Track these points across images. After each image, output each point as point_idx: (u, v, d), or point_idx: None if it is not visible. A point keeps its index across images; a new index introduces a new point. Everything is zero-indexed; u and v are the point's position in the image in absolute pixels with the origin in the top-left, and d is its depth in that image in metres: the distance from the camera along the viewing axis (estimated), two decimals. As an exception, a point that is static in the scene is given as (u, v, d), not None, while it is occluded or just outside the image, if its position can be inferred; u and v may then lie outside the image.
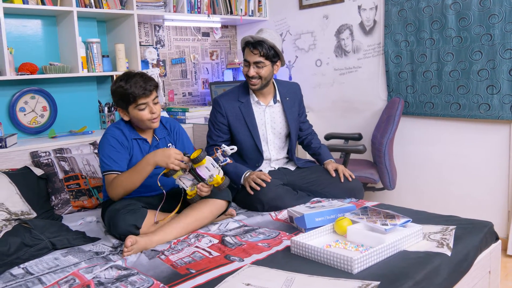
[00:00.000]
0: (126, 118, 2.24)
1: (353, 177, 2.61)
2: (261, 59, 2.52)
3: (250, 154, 2.68)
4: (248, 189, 2.45)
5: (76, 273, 1.74)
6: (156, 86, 2.21)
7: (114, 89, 2.18)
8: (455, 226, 2.00)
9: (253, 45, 2.51)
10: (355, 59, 3.58)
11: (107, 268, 1.74)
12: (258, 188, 2.42)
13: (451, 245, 1.82)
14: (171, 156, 2.03)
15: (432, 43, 3.11)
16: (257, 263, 1.75)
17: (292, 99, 2.75)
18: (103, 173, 2.18)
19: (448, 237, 1.89)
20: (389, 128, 3.00)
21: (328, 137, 3.55)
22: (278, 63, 2.61)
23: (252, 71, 2.53)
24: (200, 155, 2.02)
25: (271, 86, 2.69)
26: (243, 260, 1.78)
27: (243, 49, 2.59)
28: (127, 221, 2.02)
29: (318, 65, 3.83)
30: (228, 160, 2.14)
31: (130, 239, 1.88)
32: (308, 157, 3.04)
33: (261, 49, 2.50)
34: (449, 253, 1.76)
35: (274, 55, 2.54)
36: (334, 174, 2.61)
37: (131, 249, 1.88)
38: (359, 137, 3.50)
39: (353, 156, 3.43)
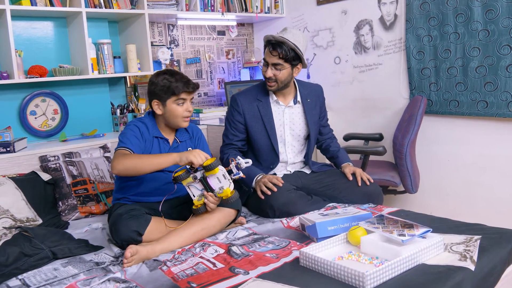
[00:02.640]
0: (159, 112, 2.21)
1: (371, 181, 2.47)
2: (280, 61, 2.39)
3: (265, 155, 2.56)
4: (259, 193, 2.33)
5: (73, 285, 1.66)
6: (197, 87, 2.23)
7: (157, 81, 2.17)
8: (480, 236, 1.84)
9: (273, 45, 2.38)
10: (375, 55, 3.42)
11: (104, 281, 1.65)
12: (269, 193, 2.30)
13: (475, 258, 1.66)
14: (196, 151, 1.97)
15: (457, 38, 2.93)
16: (263, 276, 1.64)
17: (313, 101, 2.62)
18: (116, 150, 2.11)
19: (472, 249, 1.73)
20: (411, 128, 2.84)
21: (347, 137, 3.41)
22: (299, 66, 2.47)
23: (270, 73, 2.42)
24: (213, 163, 1.94)
25: (292, 86, 2.56)
26: (248, 273, 1.66)
27: (265, 48, 2.47)
28: (129, 226, 1.94)
29: (337, 63, 3.67)
30: (241, 174, 2.05)
31: (130, 250, 1.79)
32: (326, 161, 2.90)
33: (281, 50, 2.36)
34: (472, 267, 1.60)
35: (294, 58, 2.40)
36: (351, 178, 2.47)
37: (131, 260, 1.79)
38: (379, 137, 3.34)
39: (374, 157, 3.28)
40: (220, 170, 2.00)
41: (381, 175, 2.93)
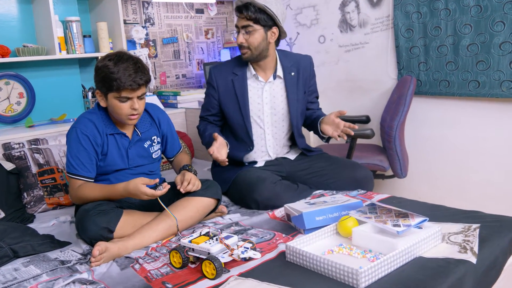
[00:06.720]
0: (102, 104, 1.91)
1: (354, 127, 2.14)
2: (249, 22, 2.17)
3: (242, 135, 2.35)
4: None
5: (34, 288, 1.48)
6: (147, 81, 1.87)
7: (99, 67, 1.84)
8: (479, 225, 1.71)
9: (238, 8, 2.19)
10: (362, 34, 3.25)
11: (68, 283, 1.48)
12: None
13: (476, 249, 1.53)
14: (139, 192, 1.76)
15: (448, 14, 2.78)
16: (245, 274, 1.48)
17: (297, 75, 2.37)
18: (68, 174, 1.91)
19: (471, 239, 1.60)
20: (400, 109, 2.70)
21: (333, 120, 3.25)
22: (275, 30, 2.22)
23: (241, 38, 2.20)
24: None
25: (273, 59, 2.32)
26: (229, 271, 1.51)
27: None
28: (98, 223, 1.74)
29: (322, 42, 3.50)
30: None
31: (98, 247, 1.62)
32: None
33: (246, 11, 2.16)
34: (474, 260, 1.47)
35: (266, 19, 2.18)
36: (337, 120, 2.16)
37: (99, 258, 1.61)
38: (366, 120, 3.19)
39: (361, 141, 3.14)
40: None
41: (369, 159, 2.80)
